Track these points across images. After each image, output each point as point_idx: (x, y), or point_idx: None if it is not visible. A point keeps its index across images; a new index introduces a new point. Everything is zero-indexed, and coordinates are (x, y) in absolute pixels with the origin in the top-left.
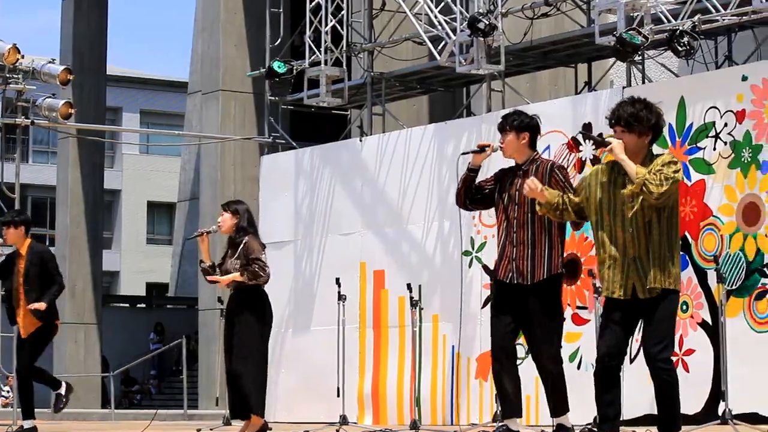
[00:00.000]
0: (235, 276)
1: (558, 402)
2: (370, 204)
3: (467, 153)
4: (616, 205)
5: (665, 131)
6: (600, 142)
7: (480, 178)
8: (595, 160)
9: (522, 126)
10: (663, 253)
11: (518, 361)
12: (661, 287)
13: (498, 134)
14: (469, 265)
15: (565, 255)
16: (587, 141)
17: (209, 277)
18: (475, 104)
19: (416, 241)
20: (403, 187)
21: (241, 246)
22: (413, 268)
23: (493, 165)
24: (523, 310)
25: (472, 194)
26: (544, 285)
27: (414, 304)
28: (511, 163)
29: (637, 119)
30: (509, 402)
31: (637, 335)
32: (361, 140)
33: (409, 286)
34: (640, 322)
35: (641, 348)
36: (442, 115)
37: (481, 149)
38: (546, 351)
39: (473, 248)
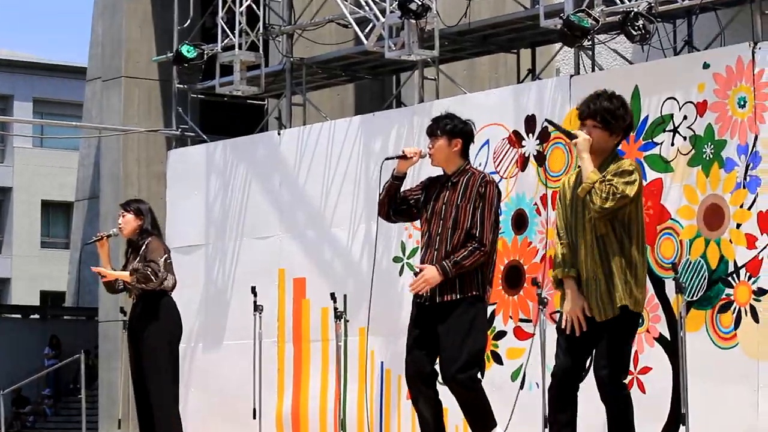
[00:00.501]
0: (124, 275)
1: (480, 422)
2: (290, 204)
3: (391, 159)
4: (577, 213)
5: None
6: (567, 134)
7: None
8: (539, 157)
9: (455, 131)
10: (621, 271)
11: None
12: (620, 305)
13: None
14: (400, 273)
15: (492, 275)
16: (553, 130)
17: (93, 269)
18: (406, 94)
19: (341, 246)
20: (326, 185)
21: (143, 248)
22: (338, 275)
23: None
24: (435, 332)
25: (396, 204)
26: (456, 305)
27: (338, 315)
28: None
29: (615, 117)
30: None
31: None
32: (279, 133)
33: (333, 296)
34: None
35: (591, 368)
36: (369, 106)
37: (406, 156)
38: (452, 376)
39: (404, 254)
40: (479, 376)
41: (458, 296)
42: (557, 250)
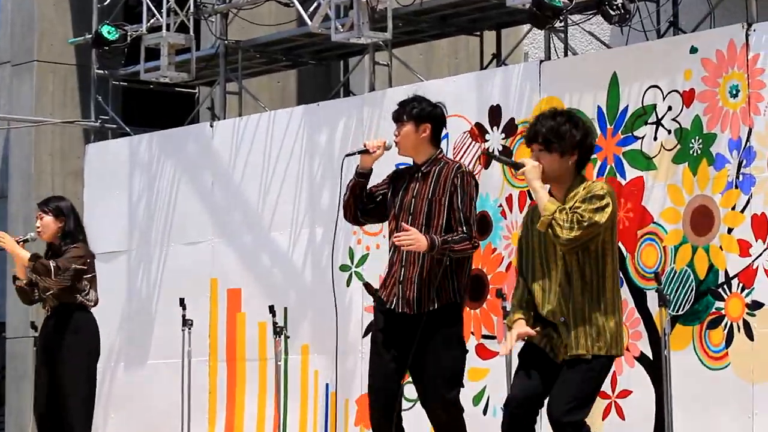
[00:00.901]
0: (23, 256)
1: None
2: (224, 205)
3: (352, 154)
4: (544, 249)
5: (592, 117)
6: (511, 164)
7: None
8: (505, 153)
9: (423, 115)
10: (590, 309)
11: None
12: (589, 354)
13: (392, 125)
14: (348, 283)
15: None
16: (496, 162)
17: None
18: (354, 81)
19: (281, 253)
20: (264, 184)
21: (64, 255)
22: (277, 286)
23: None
24: (409, 346)
25: (363, 204)
26: (435, 316)
27: (278, 331)
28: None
29: (558, 135)
30: None
31: None
32: (211, 125)
33: (271, 309)
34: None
35: (548, 404)
36: (313, 95)
37: (368, 150)
38: (438, 399)
39: (352, 262)
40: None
41: (437, 305)
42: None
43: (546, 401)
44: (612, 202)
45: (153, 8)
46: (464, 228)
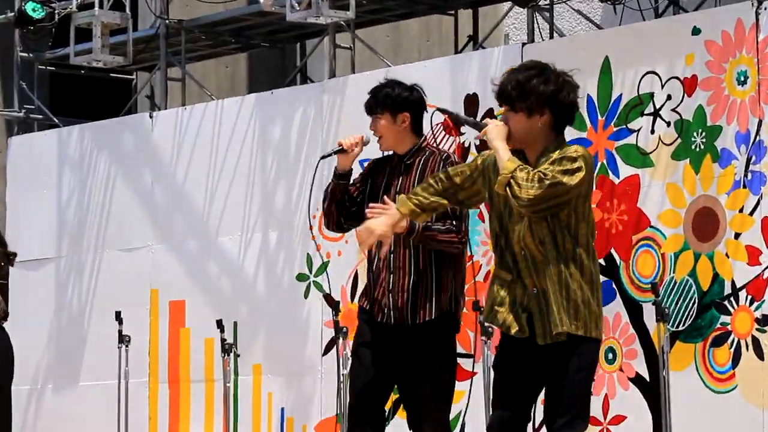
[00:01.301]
0: None
1: None
2: (165, 207)
3: (328, 155)
4: (508, 213)
5: (581, 107)
6: (472, 124)
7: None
8: (483, 147)
9: (399, 103)
10: (565, 286)
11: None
12: (567, 333)
13: (355, 115)
14: (305, 295)
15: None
16: (458, 123)
17: None
18: (313, 66)
19: (230, 260)
20: (211, 182)
21: None
22: (226, 298)
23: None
24: (401, 362)
25: (346, 208)
26: (430, 328)
27: (227, 349)
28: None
29: (523, 92)
30: None
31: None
32: (151, 116)
33: (219, 324)
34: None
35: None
36: (266, 82)
37: (344, 150)
38: (430, 420)
39: (311, 270)
40: None
41: (435, 314)
42: None
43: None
44: (586, 166)
45: None
46: (452, 221)
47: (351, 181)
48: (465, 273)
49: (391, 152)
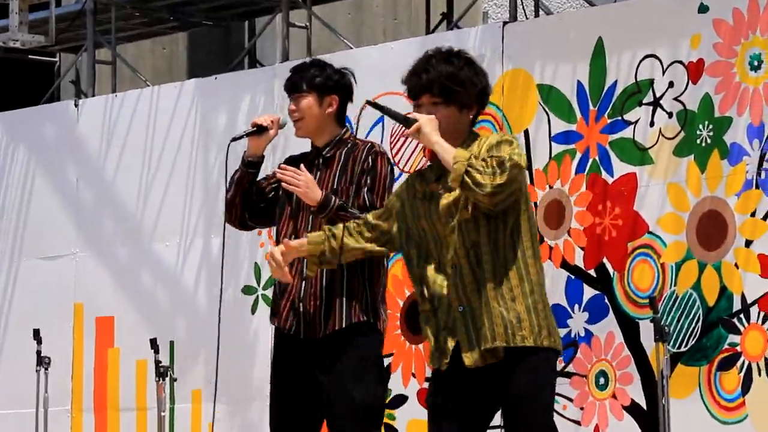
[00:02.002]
0: None
1: None
2: (92, 208)
3: (239, 138)
4: (431, 222)
5: (571, 96)
6: (400, 118)
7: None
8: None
9: (329, 86)
10: (505, 293)
11: None
12: (505, 346)
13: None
14: (253, 310)
15: (384, 292)
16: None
17: None
18: (263, 48)
19: (167, 271)
20: (146, 180)
21: None
22: (161, 314)
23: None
24: (318, 382)
25: (252, 203)
26: (343, 339)
27: (162, 372)
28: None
29: (460, 82)
30: None
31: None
32: (76, 104)
33: (153, 344)
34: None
35: None
36: (209, 65)
37: (260, 129)
38: None
39: (259, 283)
40: None
41: (346, 323)
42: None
43: None
44: (521, 149)
45: None
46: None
47: (265, 176)
48: (386, 279)
49: (307, 148)
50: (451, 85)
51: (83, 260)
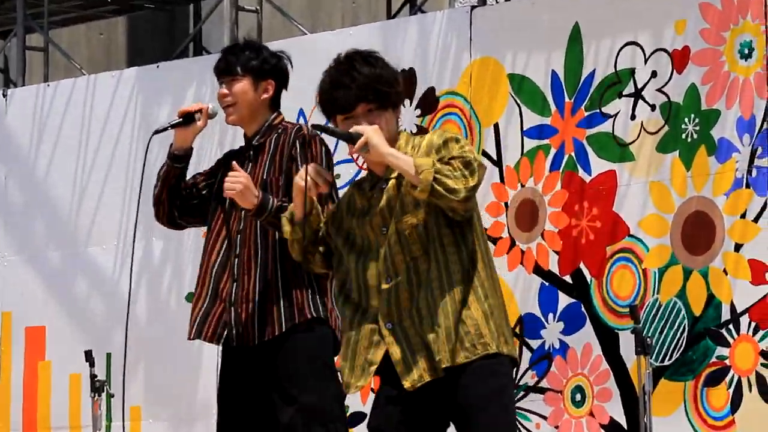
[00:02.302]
0: None
1: None
2: (21, 209)
3: (163, 130)
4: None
5: (545, 87)
6: (346, 137)
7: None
8: (422, 131)
9: (265, 69)
10: (449, 303)
11: None
12: (450, 363)
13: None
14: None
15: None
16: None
17: None
18: (209, 34)
19: (103, 277)
20: (81, 178)
21: None
22: (97, 324)
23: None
24: (256, 393)
25: (182, 199)
26: (283, 345)
27: (98, 387)
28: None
29: (388, 83)
30: None
31: None
32: (5, 94)
33: (88, 356)
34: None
35: None
36: (151, 53)
37: (187, 117)
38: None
39: None
40: None
41: (286, 326)
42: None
43: None
44: (468, 142)
45: None
46: None
47: (200, 172)
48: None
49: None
50: (382, 88)
51: (11, 265)
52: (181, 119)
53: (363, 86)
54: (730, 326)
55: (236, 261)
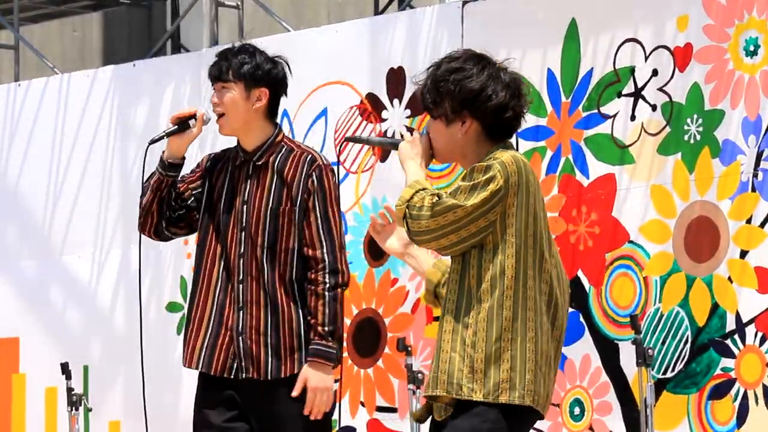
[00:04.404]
0: None
1: None
2: None
3: (159, 139)
4: None
5: (540, 86)
6: (388, 144)
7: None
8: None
9: (258, 76)
10: (465, 337)
11: None
12: (447, 397)
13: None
14: (179, 330)
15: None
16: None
17: None
18: (189, 31)
19: (79, 285)
20: (54, 182)
21: None
22: (74, 334)
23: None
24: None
25: (172, 209)
26: (285, 386)
27: (75, 401)
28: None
29: (438, 94)
30: None
31: None
32: None
33: (65, 369)
34: None
35: None
36: (127, 50)
37: (182, 124)
38: None
39: (185, 298)
40: None
41: (297, 368)
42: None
43: None
44: (502, 177)
45: None
46: (327, 256)
47: (182, 177)
48: (343, 304)
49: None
50: (429, 98)
51: None
52: (176, 127)
53: (419, 95)
54: (736, 337)
55: (240, 287)
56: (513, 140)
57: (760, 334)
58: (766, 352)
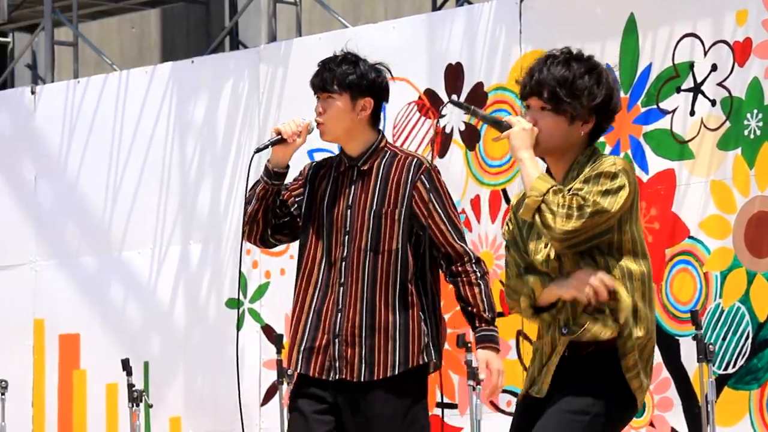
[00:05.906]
0: None
1: None
2: (53, 211)
3: (264, 148)
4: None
5: None
6: (493, 122)
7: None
8: (470, 134)
9: (364, 86)
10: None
11: None
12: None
13: (302, 93)
14: (238, 326)
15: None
16: (470, 116)
17: None
18: (247, 27)
19: (139, 282)
20: (114, 179)
21: None
22: (134, 331)
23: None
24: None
25: (277, 217)
26: (393, 387)
27: (135, 397)
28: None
29: (574, 91)
30: None
31: None
32: (33, 92)
33: (125, 365)
34: None
35: None
36: (185, 47)
37: (283, 138)
38: None
39: (246, 295)
40: None
41: (400, 370)
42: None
43: None
44: (629, 183)
45: None
46: (467, 249)
47: (286, 184)
48: (439, 309)
49: (333, 150)
50: (561, 92)
51: (43, 270)
52: (279, 137)
53: (541, 82)
54: None
55: (341, 290)
56: None
57: None
58: None
